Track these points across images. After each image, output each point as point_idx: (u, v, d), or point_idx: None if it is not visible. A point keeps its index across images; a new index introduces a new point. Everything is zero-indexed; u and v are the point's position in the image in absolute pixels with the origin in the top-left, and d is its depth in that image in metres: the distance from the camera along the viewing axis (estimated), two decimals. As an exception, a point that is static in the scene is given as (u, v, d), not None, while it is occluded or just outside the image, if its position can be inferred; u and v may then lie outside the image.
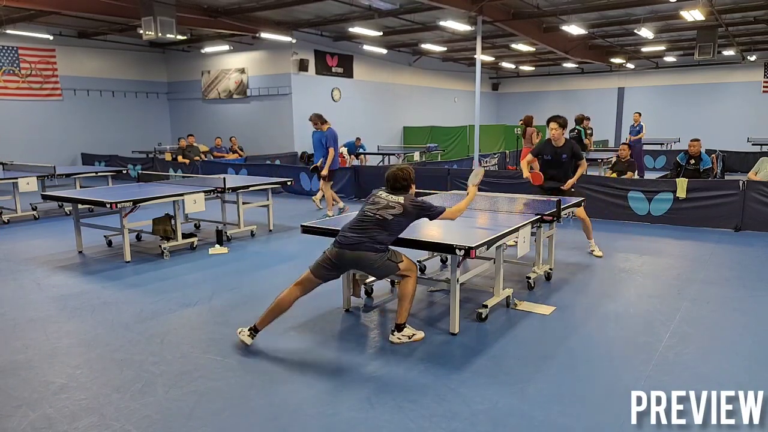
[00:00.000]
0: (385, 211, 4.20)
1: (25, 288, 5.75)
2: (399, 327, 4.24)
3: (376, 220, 4.18)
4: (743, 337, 4.35)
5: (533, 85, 29.06)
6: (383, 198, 4.30)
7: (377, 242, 4.15)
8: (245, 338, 4.16)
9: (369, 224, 4.19)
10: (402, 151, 19.51)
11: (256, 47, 18.49)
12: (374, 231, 4.16)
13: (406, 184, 4.37)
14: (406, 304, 4.22)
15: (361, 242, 4.14)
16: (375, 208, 4.25)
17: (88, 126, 18.46)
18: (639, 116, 13.85)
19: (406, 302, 4.22)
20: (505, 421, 3.16)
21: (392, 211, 4.19)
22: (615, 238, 7.94)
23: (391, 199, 4.26)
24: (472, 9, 13.36)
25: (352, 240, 4.16)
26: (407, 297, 4.21)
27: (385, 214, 4.19)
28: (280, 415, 3.26)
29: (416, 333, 4.30)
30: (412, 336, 4.26)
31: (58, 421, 3.17)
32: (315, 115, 9.52)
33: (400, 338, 4.22)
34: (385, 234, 4.19)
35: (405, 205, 4.22)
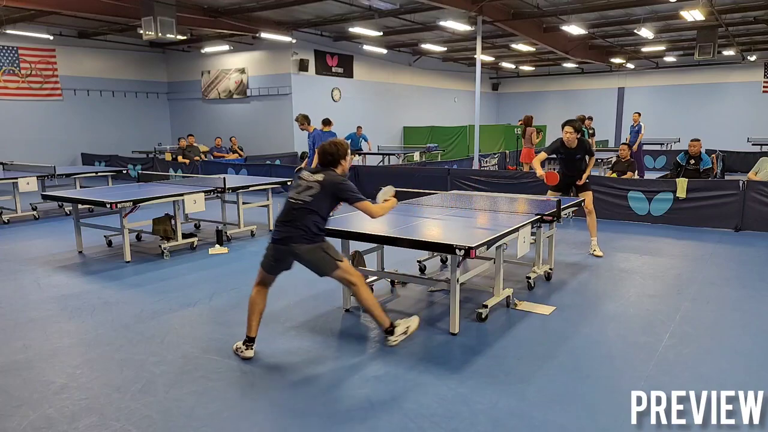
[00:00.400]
0: (305, 194, 3.91)
1: (26, 288, 5.75)
2: (388, 331, 4.03)
3: (298, 206, 3.89)
4: (743, 337, 4.35)
5: (533, 85, 29.06)
6: (304, 179, 4.01)
7: (306, 231, 3.85)
8: (247, 353, 4.00)
9: (294, 213, 3.90)
10: (402, 151, 19.51)
11: (256, 47, 18.49)
12: (299, 219, 3.86)
13: (333, 159, 4.02)
14: (376, 311, 3.98)
15: (290, 235, 3.87)
16: (296, 193, 3.96)
17: (88, 126, 18.46)
18: (638, 116, 13.84)
19: (375, 310, 3.98)
20: (505, 421, 3.16)
21: (311, 192, 3.90)
22: (615, 238, 7.94)
23: (311, 179, 3.96)
24: (472, 9, 13.36)
25: (282, 234, 3.91)
26: (371, 306, 3.97)
27: (304, 197, 3.90)
28: (280, 415, 3.26)
29: (408, 323, 4.10)
30: (406, 329, 4.07)
31: (58, 421, 3.17)
32: (301, 116, 9.59)
33: (397, 339, 4.04)
34: (311, 219, 3.87)
35: (322, 181, 3.91)
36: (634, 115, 13.94)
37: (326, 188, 3.91)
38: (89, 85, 18.39)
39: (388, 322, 4.01)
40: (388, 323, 4.01)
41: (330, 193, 3.93)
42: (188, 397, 3.45)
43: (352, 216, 5.42)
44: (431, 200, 6.27)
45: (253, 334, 4.05)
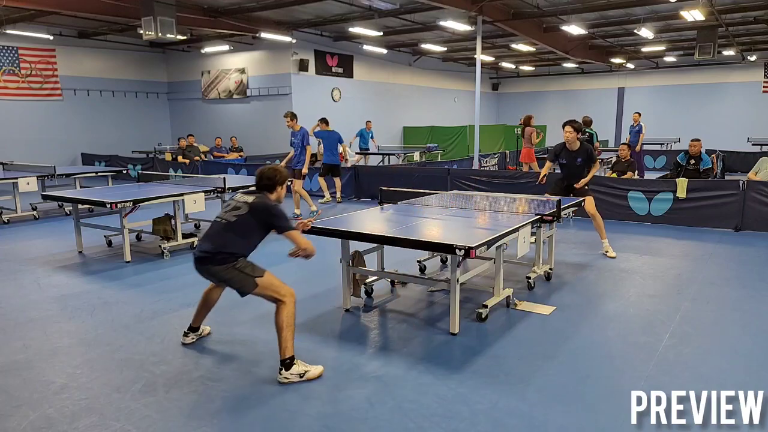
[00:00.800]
0: (230, 214, 3.79)
1: (26, 288, 5.75)
2: (284, 363, 3.62)
3: (221, 224, 3.79)
4: (743, 337, 4.35)
5: (533, 85, 29.06)
6: (235, 199, 3.91)
7: (223, 252, 3.71)
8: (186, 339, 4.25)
9: (216, 231, 3.81)
10: (402, 151, 19.51)
11: (256, 47, 18.49)
12: (220, 238, 3.75)
13: (271, 184, 3.91)
14: (285, 335, 3.63)
15: (206, 256, 3.75)
16: (223, 211, 3.88)
17: (88, 126, 18.46)
18: (638, 116, 13.84)
19: (285, 334, 3.63)
20: (505, 421, 3.16)
21: (237, 212, 3.77)
22: (615, 238, 7.93)
23: (241, 200, 3.85)
24: (472, 9, 13.36)
25: (200, 254, 3.79)
26: (283, 328, 3.63)
27: (229, 216, 3.78)
28: (280, 415, 3.26)
29: (310, 369, 3.67)
30: (304, 373, 3.63)
31: (58, 421, 3.17)
32: (291, 113, 9.61)
33: (288, 377, 3.60)
34: (231, 239, 3.74)
35: (252, 203, 3.77)
36: (635, 115, 13.94)
37: (254, 211, 3.76)
38: (89, 85, 18.39)
39: (290, 354, 3.63)
40: (290, 355, 3.63)
41: (258, 218, 3.77)
42: (188, 397, 3.45)
43: (352, 216, 5.43)
44: (431, 200, 6.27)
45: (196, 325, 4.28)
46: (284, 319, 3.65)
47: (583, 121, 11.30)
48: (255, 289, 3.73)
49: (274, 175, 3.93)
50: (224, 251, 3.72)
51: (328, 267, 6.27)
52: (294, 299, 3.74)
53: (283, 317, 3.66)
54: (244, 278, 3.72)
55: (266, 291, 3.72)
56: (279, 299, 3.70)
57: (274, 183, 3.93)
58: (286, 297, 3.70)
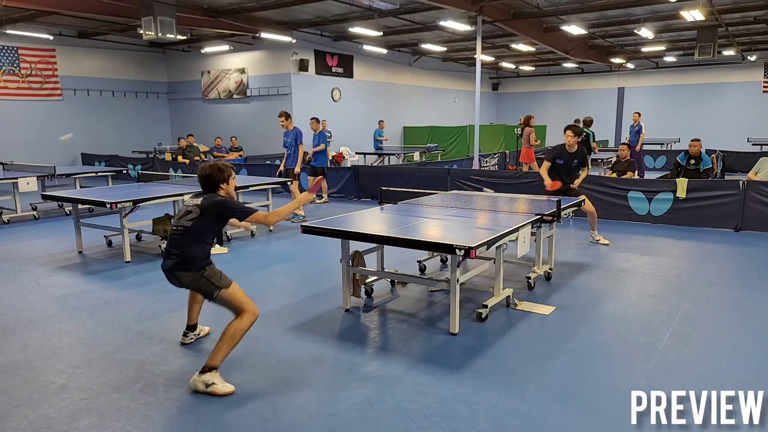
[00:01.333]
0: (184, 219, 3.71)
1: (26, 288, 5.75)
2: (205, 368, 3.53)
3: (179, 232, 3.72)
4: (743, 337, 4.35)
5: (533, 85, 29.06)
6: (186, 204, 3.83)
7: (187, 259, 3.68)
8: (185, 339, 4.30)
9: (175, 239, 3.73)
10: (402, 151, 19.51)
11: (256, 47, 18.49)
12: (181, 246, 3.70)
13: (213, 183, 3.78)
14: (226, 347, 3.56)
15: (172, 264, 3.72)
16: (177, 218, 3.80)
17: (88, 126, 18.45)
18: (638, 116, 13.84)
19: (227, 345, 3.56)
20: (505, 421, 3.16)
21: (190, 216, 3.70)
22: (615, 238, 7.94)
23: (191, 203, 3.77)
24: (472, 9, 13.36)
25: (167, 264, 3.76)
26: (229, 339, 3.56)
27: (184, 222, 3.70)
28: (281, 415, 3.26)
29: (220, 385, 3.50)
30: (210, 385, 3.48)
31: (58, 421, 3.17)
32: (285, 113, 9.55)
33: (196, 382, 3.50)
34: (192, 245, 3.69)
35: (202, 205, 3.70)
36: (634, 115, 13.94)
37: (206, 211, 3.69)
38: (89, 85, 18.39)
39: (217, 364, 3.55)
40: (216, 365, 3.55)
41: (212, 215, 3.71)
42: (188, 397, 3.45)
43: (352, 216, 5.43)
44: (431, 200, 6.27)
45: (192, 323, 4.31)
46: (233, 329, 3.58)
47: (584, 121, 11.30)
48: (218, 297, 3.67)
49: (212, 173, 3.78)
50: (191, 259, 3.68)
51: (328, 267, 6.27)
52: (254, 319, 3.66)
53: (233, 328, 3.59)
54: (210, 286, 3.67)
55: (229, 303, 3.67)
56: (241, 311, 3.64)
57: (215, 183, 3.79)
58: (246, 312, 3.64)
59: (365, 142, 20.28)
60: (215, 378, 3.51)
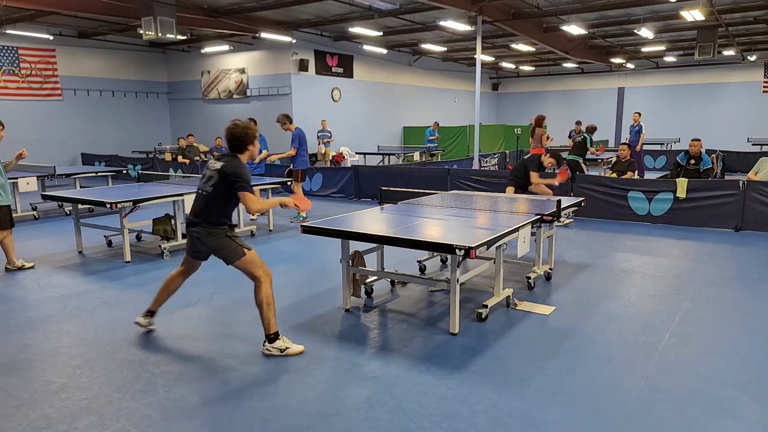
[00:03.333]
0: (207, 185, 3.90)
1: (26, 288, 5.75)
2: (268, 337, 3.96)
3: (202, 196, 3.93)
4: (743, 337, 4.35)
5: (533, 85, 29.07)
6: (209, 167, 3.97)
7: (210, 221, 3.91)
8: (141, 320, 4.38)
9: (200, 203, 3.95)
10: (402, 151, 19.52)
11: (256, 47, 18.49)
12: (202, 209, 3.92)
13: (240, 144, 3.91)
14: (267, 312, 3.91)
15: (196, 223, 3.94)
16: (202, 182, 3.98)
17: (88, 126, 18.47)
18: (638, 116, 13.84)
19: (267, 311, 3.91)
20: (505, 421, 3.16)
21: (212, 182, 3.88)
22: (615, 238, 7.94)
23: (212, 167, 3.91)
24: (472, 9, 13.37)
25: (191, 221, 3.98)
26: (263, 304, 3.91)
27: (207, 188, 3.90)
28: (280, 415, 3.26)
29: (291, 346, 3.98)
30: (285, 349, 3.93)
31: (58, 421, 3.17)
32: (283, 116, 9.45)
33: (270, 350, 3.94)
34: (212, 209, 3.90)
35: (220, 169, 3.83)
36: (634, 115, 13.94)
37: (223, 177, 3.84)
38: (89, 85, 18.40)
39: (273, 330, 3.94)
40: (274, 330, 3.94)
41: (229, 182, 3.83)
42: (188, 397, 3.45)
43: (352, 216, 5.43)
44: (431, 200, 6.27)
45: (154, 308, 4.41)
46: (263, 298, 3.89)
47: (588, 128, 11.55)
48: (239, 260, 3.91)
49: (242, 133, 3.90)
50: (211, 220, 3.90)
51: (328, 267, 6.27)
52: (270, 279, 3.94)
53: (262, 296, 3.90)
54: (235, 247, 3.92)
55: (248, 265, 3.91)
56: (257, 277, 3.90)
57: (244, 143, 3.91)
58: (263, 277, 3.91)
59: (365, 142, 20.31)
60: (286, 342, 3.95)
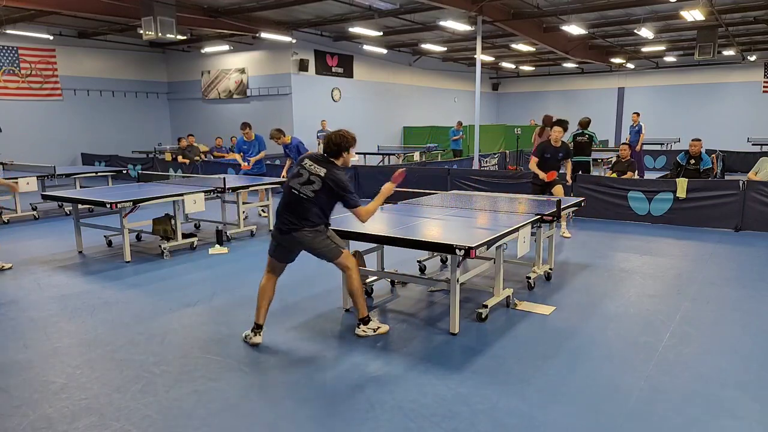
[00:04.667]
0: (307, 188, 4.05)
1: (26, 288, 5.75)
2: (363, 320, 4.37)
3: (300, 199, 4.05)
4: (743, 337, 4.35)
5: (533, 85, 29.07)
6: (306, 169, 4.11)
7: (309, 220, 4.05)
8: (256, 339, 4.23)
9: (296, 204, 4.06)
10: (402, 151, 19.51)
11: (256, 47, 18.49)
12: (302, 211, 4.04)
13: (337, 150, 4.12)
14: (359, 299, 4.31)
15: (294, 225, 4.05)
16: (299, 184, 4.09)
17: (88, 126, 18.47)
18: (637, 116, 13.82)
19: (359, 298, 4.32)
20: (505, 421, 3.16)
21: (312, 187, 4.04)
22: (615, 238, 7.94)
23: (313, 171, 4.07)
24: (472, 9, 13.36)
25: (287, 224, 4.08)
26: (356, 293, 4.29)
27: (307, 191, 4.04)
28: (280, 415, 3.26)
29: (381, 326, 4.43)
30: (377, 329, 4.39)
31: (58, 421, 3.17)
32: (276, 130, 9.24)
33: (366, 331, 4.36)
34: (314, 211, 4.05)
35: (325, 179, 4.03)
36: (633, 116, 13.92)
37: (327, 185, 4.04)
38: (89, 85, 18.40)
39: (365, 313, 4.37)
40: (366, 314, 4.37)
41: (331, 191, 4.05)
42: (188, 397, 3.45)
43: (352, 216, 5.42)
44: (431, 200, 6.27)
45: (261, 321, 4.26)
46: (356, 285, 4.26)
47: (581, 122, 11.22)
48: (338, 258, 4.18)
49: (339, 141, 4.12)
50: (311, 220, 4.05)
51: (328, 267, 6.26)
52: (357, 269, 4.29)
53: (354, 286, 4.26)
54: (332, 249, 4.16)
55: (344, 261, 4.21)
56: (349, 268, 4.22)
57: (339, 149, 4.12)
58: (353, 269, 4.23)
59: (365, 142, 20.21)
60: (375, 323, 4.41)
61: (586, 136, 10.39)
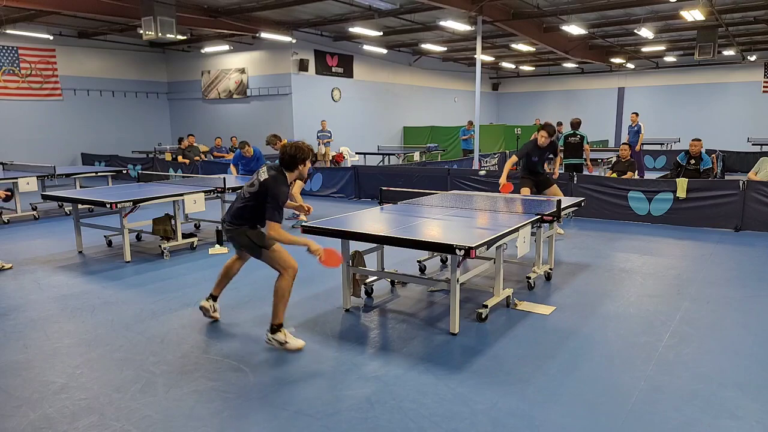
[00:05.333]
0: (247, 190, 4.16)
1: (26, 288, 5.75)
2: (274, 328, 4.09)
3: (240, 198, 4.19)
4: (743, 337, 4.35)
5: (533, 85, 29.07)
6: (257, 174, 4.18)
7: (237, 218, 4.15)
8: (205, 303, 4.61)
9: (235, 202, 4.23)
10: (402, 151, 19.52)
11: (256, 47, 18.49)
12: (236, 210, 4.17)
13: (291, 161, 4.05)
14: (276, 302, 4.05)
15: (227, 221, 4.21)
16: (246, 185, 4.23)
17: (88, 126, 18.47)
18: (636, 116, 13.82)
19: (280, 303, 4.04)
20: (505, 421, 3.16)
21: (251, 189, 4.11)
22: (615, 238, 7.94)
23: (259, 176, 4.11)
24: (472, 9, 13.37)
25: (225, 219, 4.26)
26: (279, 296, 4.05)
27: (245, 192, 4.16)
28: (280, 415, 3.26)
29: (291, 341, 4.06)
30: (284, 343, 4.04)
31: (58, 421, 3.17)
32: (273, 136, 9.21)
33: (271, 340, 4.09)
34: (244, 211, 4.12)
35: (263, 182, 4.02)
36: (632, 116, 13.90)
37: (261, 189, 4.03)
38: (89, 85, 18.40)
39: (278, 321, 4.07)
40: (278, 322, 4.07)
41: (262, 195, 4.02)
42: (188, 397, 3.45)
43: (352, 216, 5.43)
44: (431, 200, 6.27)
45: (216, 293, 4.64)
46: (279, 288, 4.06)
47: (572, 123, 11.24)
48: (261, 256, 4.14)
49: (294, 152, 4.05)
50: (240, 217, 4.14)
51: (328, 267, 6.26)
52: (293, 273, 4.10)
53: (278, 287, 4.07)
54: (253, 246, 4.14)
55: (270, 262, 4.12)
56: (280, 271, 4.09)
57: (294, 161, 4.06)
58: (286, 270, 4.08)
59: (365, 142, 20.29)
60: (288, 337, 4.06)
61: (578, 136, 10.40)
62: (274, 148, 9.20)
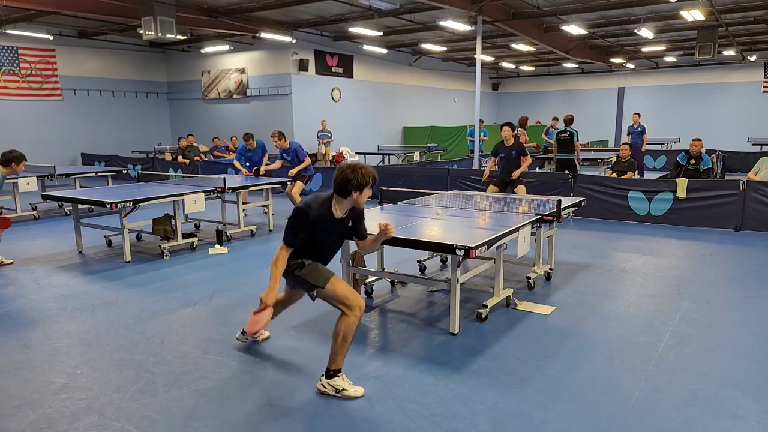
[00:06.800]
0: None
1: (26, 288, 5.75)
2: (329, 372, 3.46)
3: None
4: (743, 337, 4.35)
5: (533, 85, 29.07)
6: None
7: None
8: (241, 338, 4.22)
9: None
10: (402, 151, 19.52)
11: (256, 47, 18.49)
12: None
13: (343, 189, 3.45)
14: (336, 344, 3.42)
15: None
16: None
17: (88, 126, 18.47)
18: (638, 117, 13.81)
19: (336, 342, 3.42)
20: (505, 421, 3.16)
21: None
22: (615, 238, 7.94)
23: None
24: (472, 9, 13.36)
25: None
26: (335, 336, 3.43)
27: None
28: (281, 415, 3.26)
29: (350, 388, 3.43)
30: (341, 390, 3.40)
31: (58, 421, 3.17)
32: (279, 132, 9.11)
33: (324, 387, 3.45)
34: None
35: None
36: (634, 116, 13.88)
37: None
38: (89, 85, 18.40)
39: (336, 366, 3.46)
40: (336, 367, 3.46)
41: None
42: (188, 397, 3.45)
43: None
44: (431, 200, 6.27)
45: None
46: (340, 329, 3.42)
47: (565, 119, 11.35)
48: (318, 296, 3.54)
49: (344, 179, 3.42)
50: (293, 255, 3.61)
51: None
52: (359, 312, 3.46)
53: (339, 327, 3.43)
54: (307, 286, 3.57)
55: (329, 300, 3.52)
56: (342, 309, 3.46)
57: (346, 185, 3.42)
58: (349, 309, 3.44)
59: (365, 142, 20.29)
60: (345, 383, 3.44)
61: (567, 132, 10.54)
62: (275, 145, 9.23)
